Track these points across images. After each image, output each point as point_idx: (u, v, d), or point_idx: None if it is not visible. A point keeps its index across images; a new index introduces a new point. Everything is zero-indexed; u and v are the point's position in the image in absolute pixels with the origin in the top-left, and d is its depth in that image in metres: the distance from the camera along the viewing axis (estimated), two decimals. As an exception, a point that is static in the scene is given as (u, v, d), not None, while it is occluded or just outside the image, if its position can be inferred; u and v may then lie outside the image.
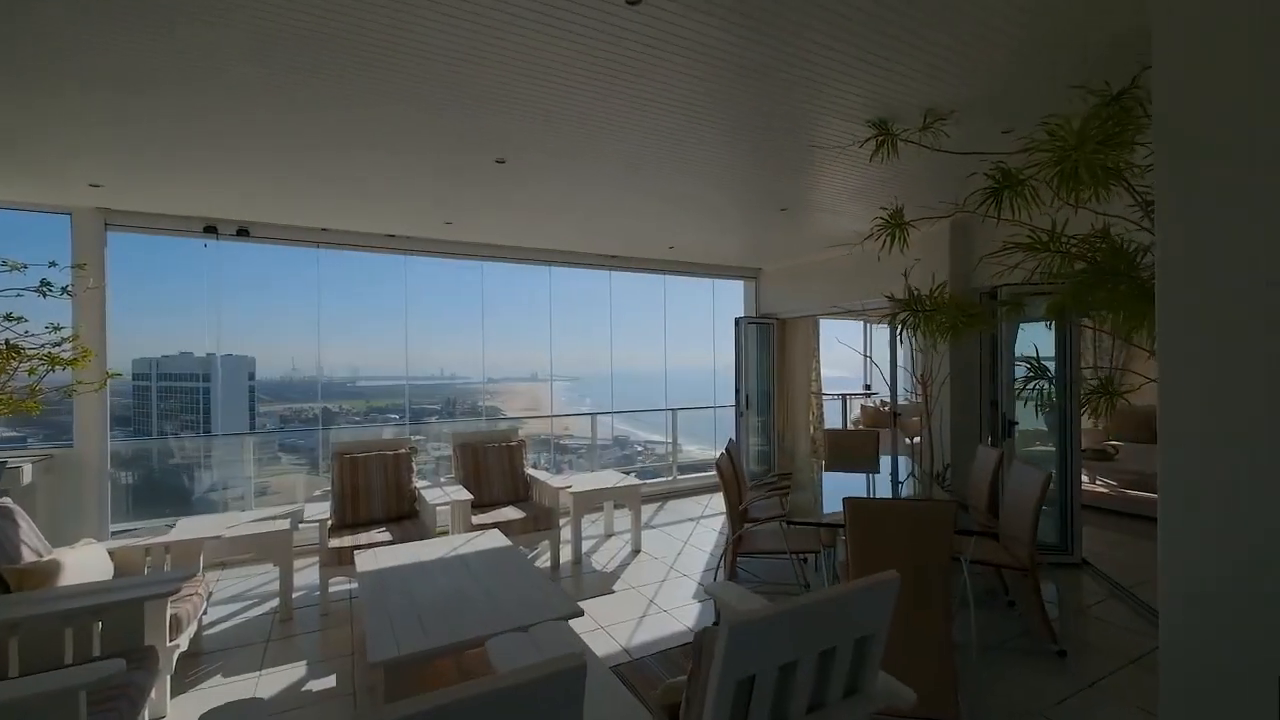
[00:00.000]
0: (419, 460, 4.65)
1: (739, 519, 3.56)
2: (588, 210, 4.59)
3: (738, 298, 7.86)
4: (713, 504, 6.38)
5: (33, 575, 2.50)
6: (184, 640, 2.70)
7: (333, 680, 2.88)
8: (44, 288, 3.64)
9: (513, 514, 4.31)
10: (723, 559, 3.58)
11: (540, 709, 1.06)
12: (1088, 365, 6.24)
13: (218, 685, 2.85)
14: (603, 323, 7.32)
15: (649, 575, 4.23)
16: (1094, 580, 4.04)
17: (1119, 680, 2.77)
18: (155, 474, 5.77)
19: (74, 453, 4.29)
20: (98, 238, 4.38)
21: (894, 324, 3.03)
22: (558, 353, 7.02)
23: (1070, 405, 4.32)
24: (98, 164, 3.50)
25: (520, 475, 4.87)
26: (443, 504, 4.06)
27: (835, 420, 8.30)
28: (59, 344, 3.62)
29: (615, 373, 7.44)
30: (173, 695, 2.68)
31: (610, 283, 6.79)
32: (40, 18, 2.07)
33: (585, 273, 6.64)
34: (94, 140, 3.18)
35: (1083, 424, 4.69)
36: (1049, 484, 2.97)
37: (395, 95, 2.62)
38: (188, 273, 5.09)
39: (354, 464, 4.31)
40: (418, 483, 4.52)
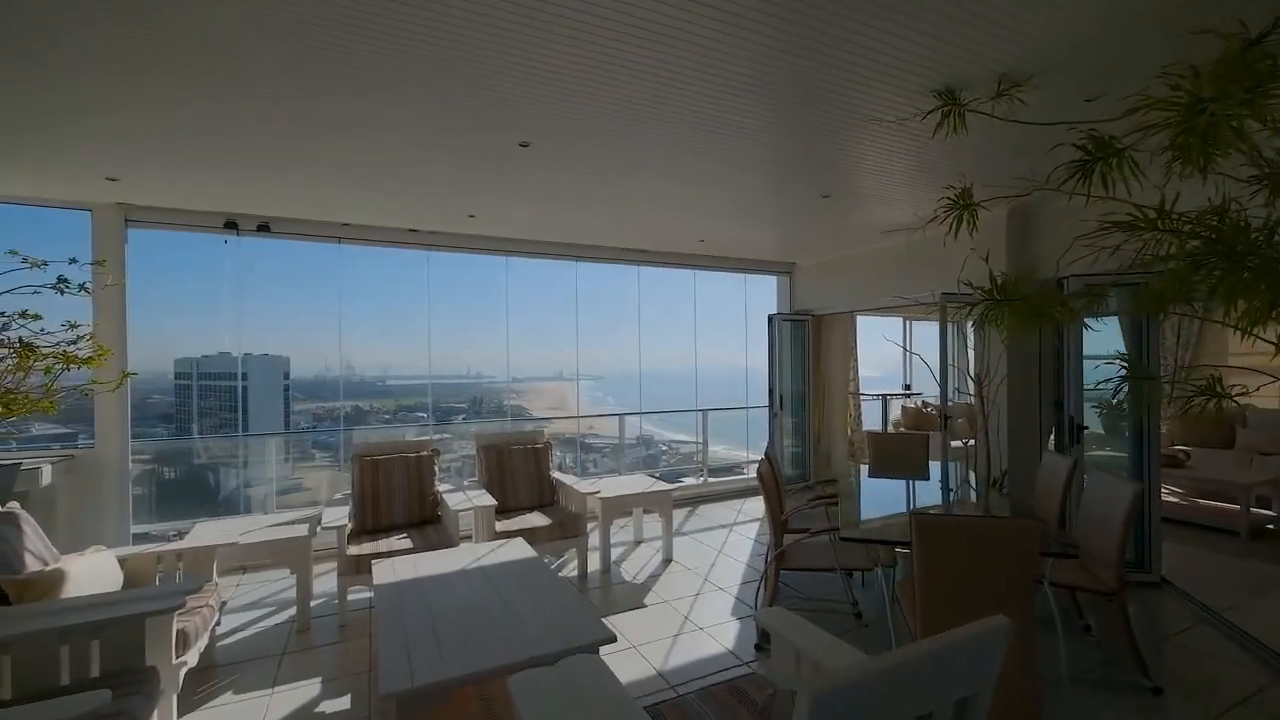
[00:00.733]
0: (444, 460, 4.48)
1: (781, 530, 3.27)
2: (615, 199, 4.35)
3: (770, 294, 7.54)
4: (746, 509, 6.09)
5: (34, 586, 2.36)
6: (192, 656, 2.54)
7: (347, 701, 2.70)
8: (61, 284, 3.55)
9: (538, 520, 4.10)
10: (764, 576, 3.30)
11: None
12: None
13: (228, 704, 2.68)
14: (629, 320, 7.09)
15: (682, 588, 3.97)
16: (1176, 602, 3.65)
17: (1226, 724, 2.42)
18: (181, 474, 5.75)
19: (95, 453, 4.22)
20: (118, 234, 4.30)
21: (970, 317, 2.70)
22: (583, 351, 6.81)
23: (1149, 407, 3.92)
24: (112, 156, 3.38)
25: (546, 479, 4.65)
26: (465, 509, 3.87)
27: (873, 422, 7.92)
28: (74, 342, 3.53)
29: (647, 372, 7.21)
30: (179, 715, 2.52)
31: (639, 278, 6.54)
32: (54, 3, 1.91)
33: (612, 268, 6.40)
34: (107, 130, 3.05)
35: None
36: (1141, 497, 2.62)
37: (420, 73, 2.41)
38: (221, 273, 5.03)
39: (374, 466, 4.15)
40: (440, 486, 4.34)
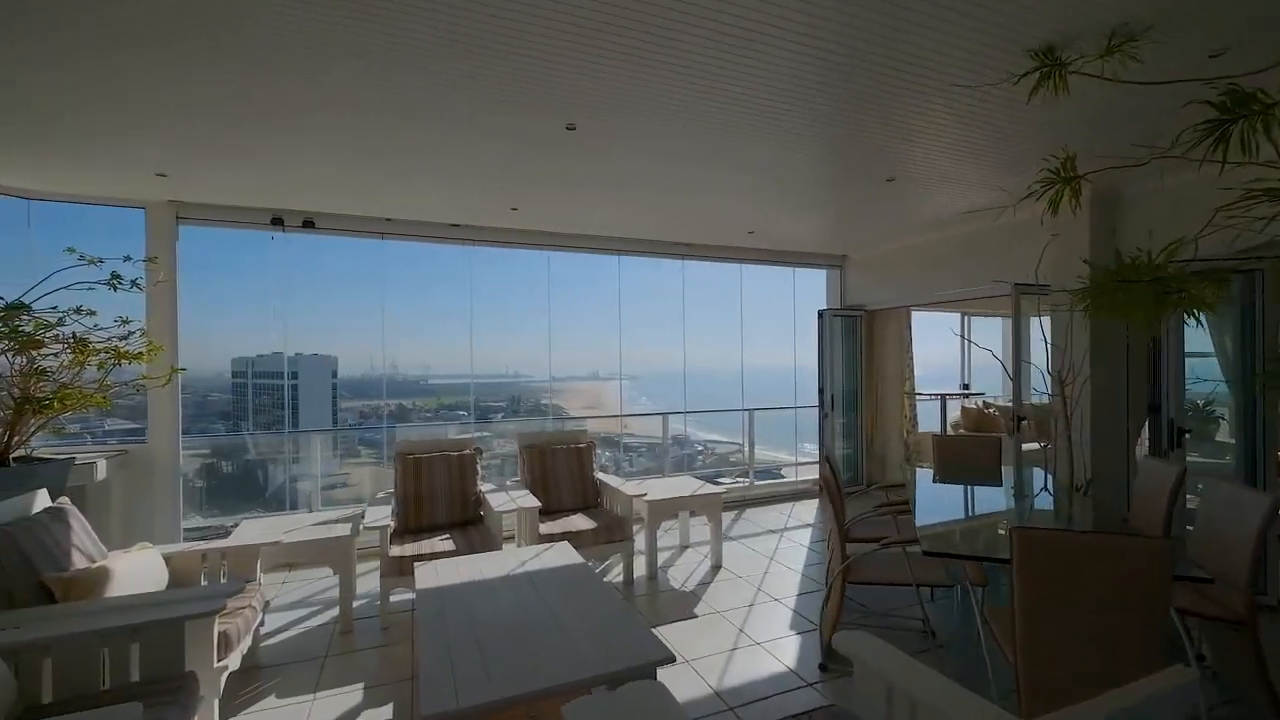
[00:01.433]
0: (483, 459, 4.37)
1: (844, 540, 3.01)
2: (662, 187, 4.15)
3: (819, 288, 7.22)
4: (796, 514, 5.81)
5: (79, 585, 2.31)
6: (234, 659, 2.46)
7: (389, 711, 2.58)
8: (114, 281, 3.57)
9: (583, 523, 3.94)
10: (828, 590, 3.05)
11: None
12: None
13: (270, 709, 2.60)
14: (668, 318, 6.88)
15: (734, 597, 3.75)
16: (1299, 629, 3.23)
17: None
18: (232, 469, 5.87)
19: (147, 449, 4.27)
20: (170, 231, 4.34)
21: (1079, 306, 2.38)
22: (616, 350, 6.64)
23: (1261, 407, 3.50)
24: (161, 151, 3.36)
25: (590, 480, 4.49)
26: (509, 510, 3.74)
27: (929, 423, 7.50)
28: (125, 338, 3.54)
29: (677, 371, 6.98)
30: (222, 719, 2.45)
31: (683, 273, 6.33)
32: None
33: (652, 264, 6.21)
34: (155, 125, 3.03)
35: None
36: (1276, 511, 2.28)
37: (467, 55, 2.27)
38: (271, 273, 5.08)
39: (417, 465, 4.06)
40: (482, 486, 4.23)
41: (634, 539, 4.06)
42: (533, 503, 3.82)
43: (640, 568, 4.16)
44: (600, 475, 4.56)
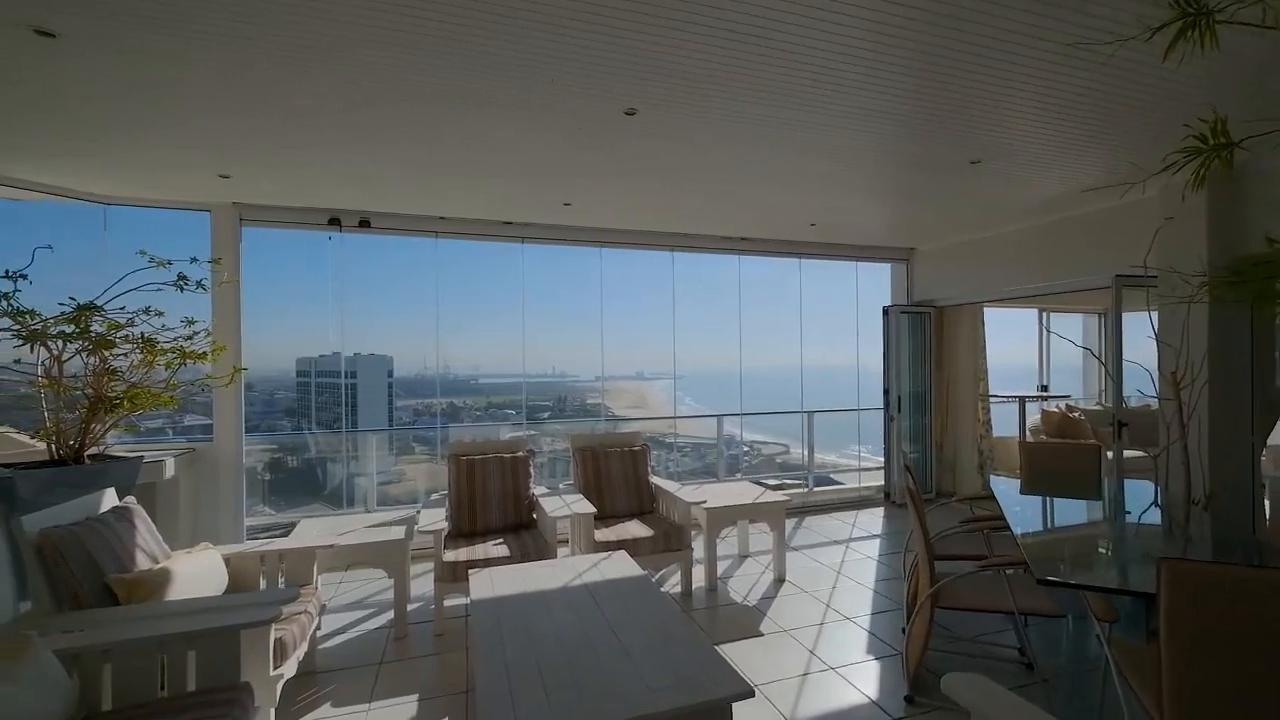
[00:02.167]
0: (535, 461, 4.27)
1: (931, 558, 2.72)
2: (722, 174, 3.93)
3: (884, 284, 6.82)
4: (861, 523, 5.48)
5: (141, 587, 2.29)
6: (290, 666, 2.40)
7: (444, 726, 2.48)
8: (180, 282, 3.63)
9: (639, 530, 3.77)
10: (913, 614, 2.77)
11: None
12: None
13: (327, 718, 2.54)
14: (722, 315, 6.63)
15: (801, 614, 3.50)
16: None
17: None
18: (294, 467, 6.03)
19: (213, 447, 4.35)
20: (233, 233, 4.42)
21: (1241, 296, 2.05)
22: (662, 349, 6.43)
23: None
24: (223, 149, 3.38)
25: (645, 485, 4.32)
26: (563, 516, 3.61)
27: (1004, 428, 6.98)
28: (190, 338, 3.59)
29: (724, 370, 6.72)
30: (278, 728, 2.39)
31: (739, 268, 6.07)
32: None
33: (706, 260, 5.98)
34: (218, 128, 3.05)
35: None
36: None
37: (525, 36, 2.13)
38: (331, 273, 5.16)
39: (470, 466, 3.99)
40: (535, 489, 4.12)
41: (692, 547, 3.86)
42: (587, 508, 3.67)
43: (699, 578, 3.96)
44: (655, 479, 4.38)
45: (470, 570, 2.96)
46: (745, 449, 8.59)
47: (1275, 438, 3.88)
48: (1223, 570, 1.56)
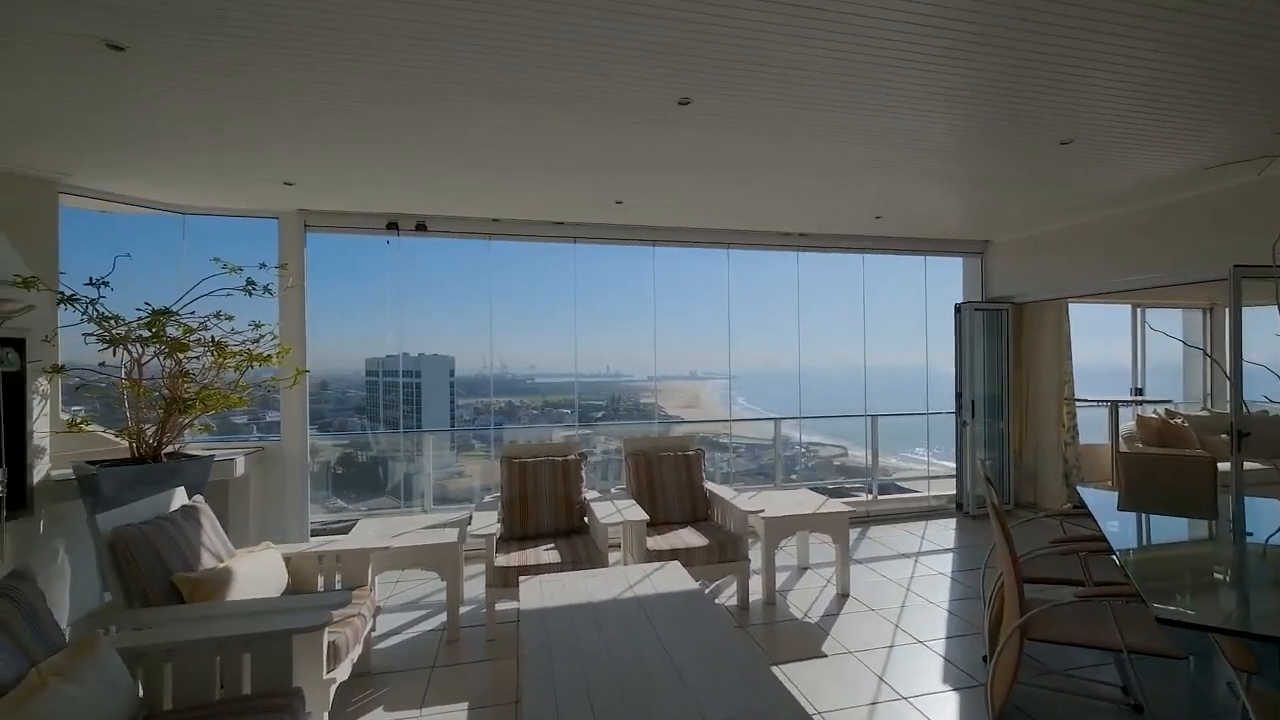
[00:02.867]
0: (587, 464, 4.20)
1: (1020, 583, 2.45)
2: (780, 170, 3.74)
3: (954, 279, 6.39)
4: (930, 535, 5.13)
5: (203, 586, 2.35)
6: (344, 670, 2.40)
7: (493, 739, 2.42)
8: (249, 287, 3.76)
9: (693, 539, 3.62)
10: (1000, 646, 2.51)
11: None
12: None
13: (377, 723, 2.54)
14: (778, 313, 6.37)
15: (867, 634, 3.27)
16: None
17: None
18: (366, 458, 6.31)
19: (280, 446, 4.51)
20: (299, 238, 4.57)
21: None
22: (717, 348, 6.23)
23: None
24: (288, 156, 3.46)
25: (699, 491, 4.17)
26: (615, 523, 3.51)
27: (1091, 435, 6.41)
28: (256, 341, 3.72)
29: (780, 370, 6.43)
30: (331, 731, 2.40)
31: (798, 265, 5.82)
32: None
33: (759, 256, 5.76)
34: (284, 138, 3.12)
35: None
36: None
37: (580, 22, 2.04)
38: (391, 276, 5.30)
39: (522, 469, 3.95)
40: (587, 493, 4.05)
41: (749, 558, 3.68)
42: (639, 515, 3.56)
43: (756, 590, 3.77)
44: (710, 486, 4.22)
45: (521, 577, 2.90)
46: (802, 450, 8.29)
47: None
48: None
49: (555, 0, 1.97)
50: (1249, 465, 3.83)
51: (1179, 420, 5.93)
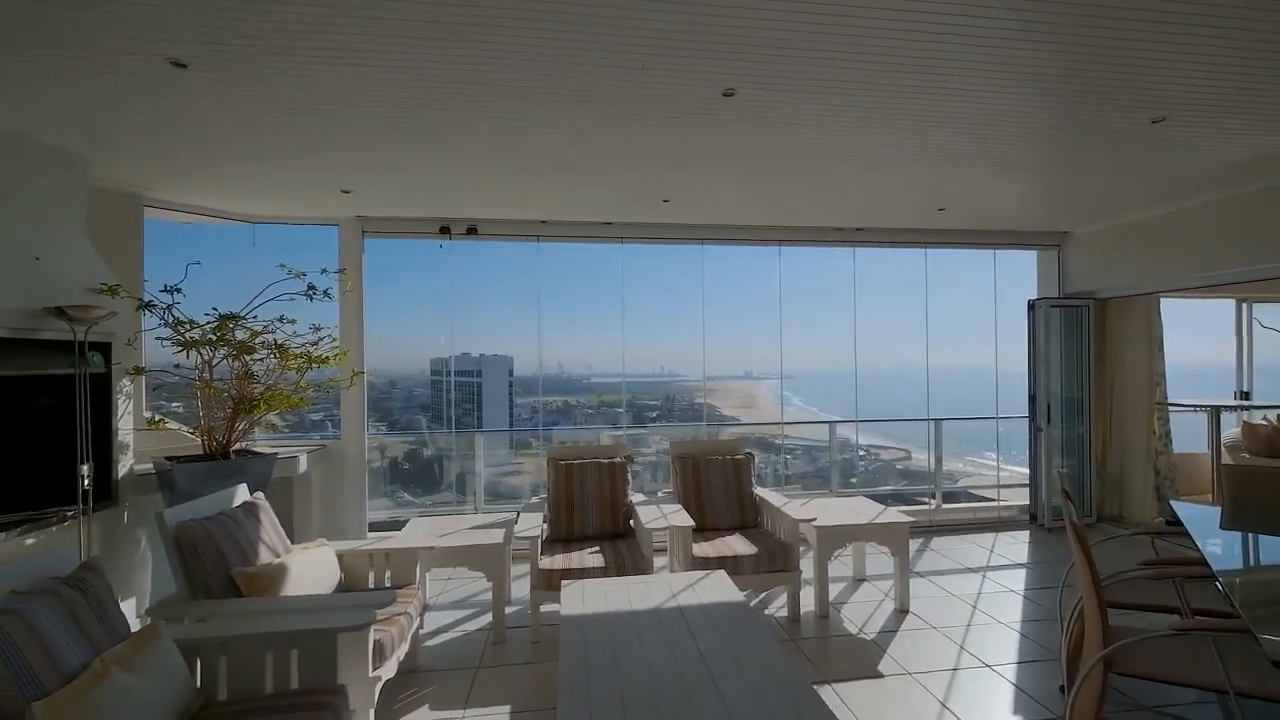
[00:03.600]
0: (636, 463, 4.16)
1: (1104, 610, 2.21)
2: (832, 161, 3.57)
3: (1027, 274, 5.97)
4: (1000, 549, 4.80)
5: (259, 580, 2.43)
6: (390, 667, 2.43)
7: (533, 745, 2.40)
8: (310, 292, 3.91)
9: (740, 547, 3.51)
10: (1079, 679, 2.28)
11: None
12: None
13: (421, 722, 2.57)
14: (835, 312, 6.11)
15: (929, 654, 3.06)
16: None
17: None
18: (430, 453, 6.56)
19: (340, 444, 4.69)
20: (357, 244, 4.73)
21: None
22: (771, 348, 6.03)
23: None
24: (344, 165, 3.58)
25: (748, 496, 4.04)
26: (660, 528, 3.44)
27: (1185, 443, 5.83)
28: (316, 343, 3.86)
29: (839, 370, 6.14)
30: (377, 728, 2.44)
31: (854, 262, 5.56)
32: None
33: (815, 253, 5.55)
34: (342, 148, 3.23)
35: None
36: None
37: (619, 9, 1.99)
38: (447, 278, 5.45)
39: (568, 470, 3.95)
40: (633, 496, 4.00)
41: (800, 568, 3.52)
42: (686, 521, 3.48)
43: (808, 602, 3.61)
44: (760, 491, 4.09)
45: (563, 581, 2.88)
46: (861, 454, 7.95)
47: None
48: None
49: (591, -7, 1.91)
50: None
51: (1293, 428, 5.30)
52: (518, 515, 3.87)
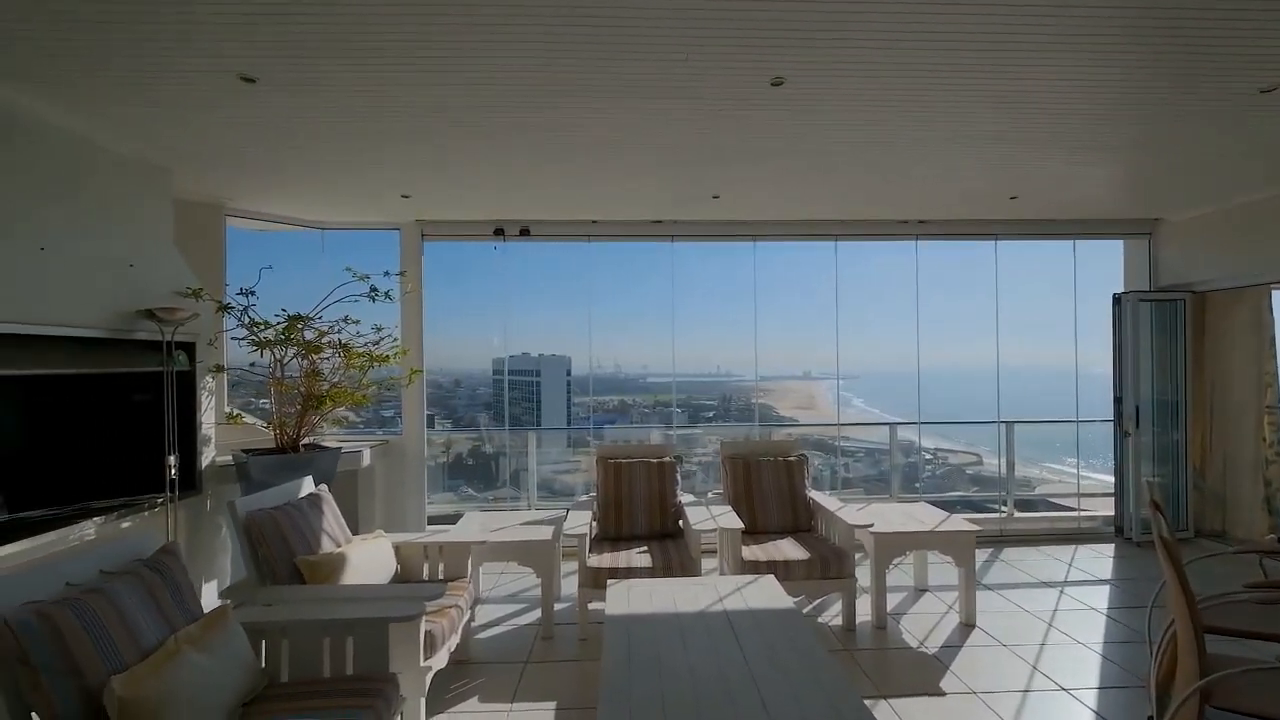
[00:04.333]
0: (687, 464, 4.11)
1: (1200, 635, 1.99)
2: (892, 148, 3.39)
3: (1112, 266, 5.51)
4: (1079, 562, 4.45)
5: (320, 569, 2.55)
6: (441, 658, 2.50)
7: (577, 743, 2.40)
8: (372, 294, 4.08)
9: (792, 551, 3.40)
10: (1170, 711, 2.07)
11: None
12: None
13: (470, 713, 2.62)
14: (898, 309, 5.83)
15: (997, 673, 2.86)
16: None
17: None
18: (490, 449, 6.80)
19: (402, 440, 4.88)
20: (417, 248, 4.91)
21: None
22: (829, 347, 5.81)
23: None
24: (403, 171, 3.71)
25: (800, 499, 3.92)
26: (709, 529, 3.38)
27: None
28: (377, 343, 4.02)
29: (903, 370, 5.83)
30: (428, 716, 2.50)
31: (916, 255, 5.30)
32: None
33: (873, 248, 5.32)
34: (401, 157, 3.36)
35: None
36: None
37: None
38: (503, 279, 5.60)
39: (617, 470, 3.95)
40: (682, 497, 3.95)
41: (855, 575, 3.38)
42: (735, 523, 3.40)
43: (864, 611, 3.46)
44: (814, 494, 3.95)
45: (609, 580, 2.87)
46: (928, 457, 7.58)
47: None
48: None
49: (632, -13, 1.89)
50: None
51: None
52: (567, 512, 3.90)
